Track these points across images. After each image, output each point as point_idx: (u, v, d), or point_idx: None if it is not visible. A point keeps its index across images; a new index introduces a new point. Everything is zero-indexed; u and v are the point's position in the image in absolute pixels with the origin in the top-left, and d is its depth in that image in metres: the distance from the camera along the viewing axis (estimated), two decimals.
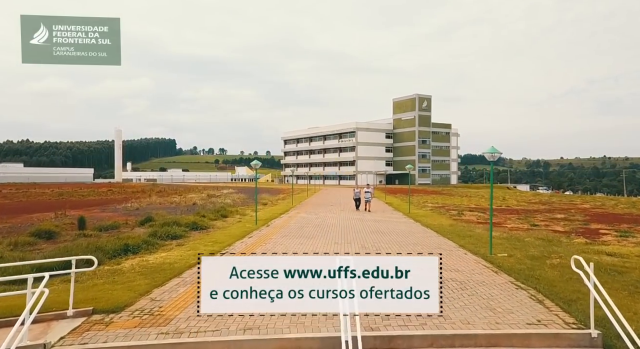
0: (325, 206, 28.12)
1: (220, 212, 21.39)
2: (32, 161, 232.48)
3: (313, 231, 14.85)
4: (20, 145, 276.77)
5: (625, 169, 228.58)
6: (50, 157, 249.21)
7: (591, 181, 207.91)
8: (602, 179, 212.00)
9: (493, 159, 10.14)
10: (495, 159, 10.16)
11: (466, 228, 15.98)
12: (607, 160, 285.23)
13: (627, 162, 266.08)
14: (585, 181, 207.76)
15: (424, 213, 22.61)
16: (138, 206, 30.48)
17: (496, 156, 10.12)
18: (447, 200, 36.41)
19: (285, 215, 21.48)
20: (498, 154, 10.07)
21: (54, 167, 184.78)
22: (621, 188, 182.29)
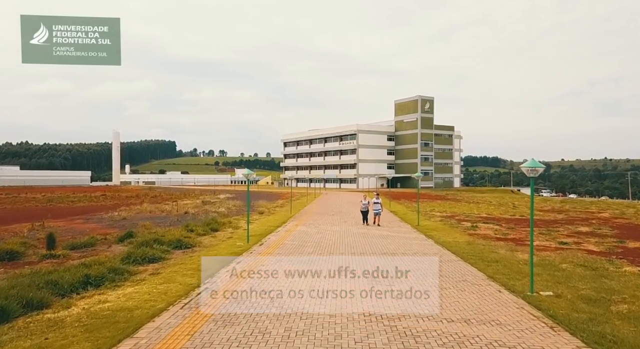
0: (326, 216, 26.16)
1: (210, 225, 19.44)
2: (31, 163, 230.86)
3: (312, 253, 12.90)
4: (19, 147, 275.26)
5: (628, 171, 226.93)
6: (49, 160, 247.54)
7: (593, 183, 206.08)
8: (604, 182, 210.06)
9: (534, 174, 8.21)
10: (536, 174, 8.23)
11: (487, 248, 14.01)
12: (609, 162, 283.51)
13: (628, 164, 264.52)
14: (587, 183, 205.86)
15: (434, 226, 20.64)
16: (126, 214, 28.58)
17: (538, 170, 8.18)
18: (454, 207, 34.45)
19: (282, 228, 19.52)
20: (539, 168, 8.14)
21: (53, 169, 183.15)
22: (623, 190, 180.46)
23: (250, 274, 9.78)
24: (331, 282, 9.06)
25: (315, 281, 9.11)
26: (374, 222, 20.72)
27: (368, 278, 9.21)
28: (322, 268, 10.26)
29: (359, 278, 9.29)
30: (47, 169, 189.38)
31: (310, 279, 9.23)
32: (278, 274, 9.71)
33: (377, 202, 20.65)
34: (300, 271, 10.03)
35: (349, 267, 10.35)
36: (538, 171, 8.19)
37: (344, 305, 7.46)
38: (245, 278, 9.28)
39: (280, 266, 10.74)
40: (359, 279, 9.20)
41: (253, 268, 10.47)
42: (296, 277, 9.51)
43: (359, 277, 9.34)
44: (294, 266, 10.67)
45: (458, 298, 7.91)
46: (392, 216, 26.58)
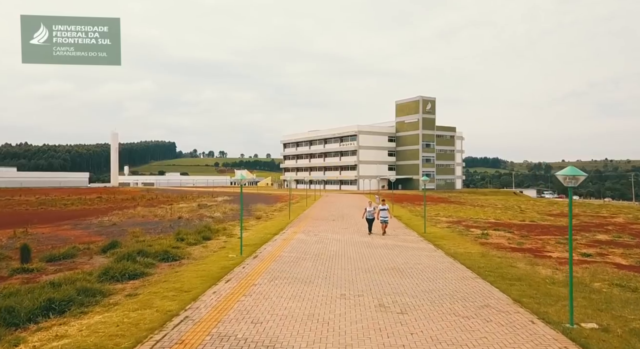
0: (327, 221, 24.87)
1: (202, 233, 18.13)
2: (30, 164, 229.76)
3: (311, 268, 11.60)
4: (19, 148, 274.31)
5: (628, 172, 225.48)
6: (48, 161, 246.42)
7: (594, 184, 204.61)
8: (605, 183, 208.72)
9: (573, 183, 6.92)
10: (576, 183, 6.94)
11: (504, 261, 12.72)
12: (609, 163, 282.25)
13: (629, 165, 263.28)
14: (587, 184, 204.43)
15: (442, 233, 19.33)
16: (118, 220, 27.30)
17: (578, 179, 6.90)
18: (460, 211, 33.16)
19: (279, 236, 18.22)
20: (579, 176, 6.86)
21: (52, 171, 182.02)
22: (624, 191, 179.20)
23: (239, 298, 8.50)
24: (336, 305, 7.77)
25: (314, 309, 7.82)
26: (383, 232, 18.59)
27: (375, 310, 7.92)
28: (322, 293, 8.98)
29: (364, 308, 8.00)
30: (46, 170, 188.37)
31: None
32: (271, 299, 8.43)
33: (385, 209, 18.60)
34: (296, 295, 8.75)
35: (352, 292, 9.07)
36: (578, 180, 6.91)
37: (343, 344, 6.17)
38: (231, 305, 7.99)
39: (274, 288, 9.45)
40: (364, 309, 7.90)
41: (243, 290, 9.17)
42: (291, 302, 8.23)
43: (364, 307, 8.05)
44: (289, 289, 9.38)
45: (485, 332, 6.61)
46: (396, 221, 25.26)
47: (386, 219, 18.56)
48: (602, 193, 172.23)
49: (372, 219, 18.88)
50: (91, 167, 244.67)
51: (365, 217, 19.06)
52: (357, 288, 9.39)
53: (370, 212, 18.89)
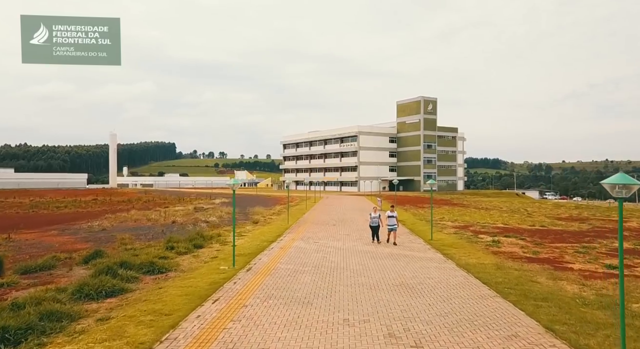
0: (327, 227, 23.69)
1: (194, 241, 16.95)
2: (30, 165, 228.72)
3: (310, 284, 10.43)
4: (18, 149, 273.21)
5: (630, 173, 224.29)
6: (47, 162, 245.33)
7: (595, 185, 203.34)
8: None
9: (624, 193, 5.76)
10: (628, 193, 5.77)
11: (522, 274, 11.54)
12: (610, 164, 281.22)
13: (629, 165, 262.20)
14: (589, 185, 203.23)
15: (450, 241, 18.15)
16: (108, 224, 26.14)
17: (631, 188, 5.73)
18: (465, 215, 31.99)
19: (277, 244, 17.04)
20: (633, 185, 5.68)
21: (51, 172, 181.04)
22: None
23: (226, 325, 7.32)
24: (339, 334, 6.59)
25: (312, 341, 6.65)
26: (387, 240, 17.17)
27: (385, 343, 6.74)
28: (322, 318, 7.80)
29: (371, 339, 6.82)
30: (45, 171, 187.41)
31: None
32: (262, 326, 7.26)
33: (392, 216, 16.90)
34: (292, 321, 7.57)
35: (356, 316, 7.89)
36: (631, 189, 5.73)
37: None
38: (215, 336, 6.81)
39: (267, 311, 8.27)
40: (372, 341, 6.72)
41: (232, 314, 7.99)
42: (286, 331, 7.06)
43: (370, 337, 6.87)
44: (284, 313, 8.20)
45: None
46: (400, 226, 24.07)
47: (394, 226, 16.88)
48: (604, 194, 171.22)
49: (377, 227, 17.26)
50: (91, 168, 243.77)
51: (369, 224, 17.54)
52: (362, 310, 8.21)
53: (375, 219, 17.31)
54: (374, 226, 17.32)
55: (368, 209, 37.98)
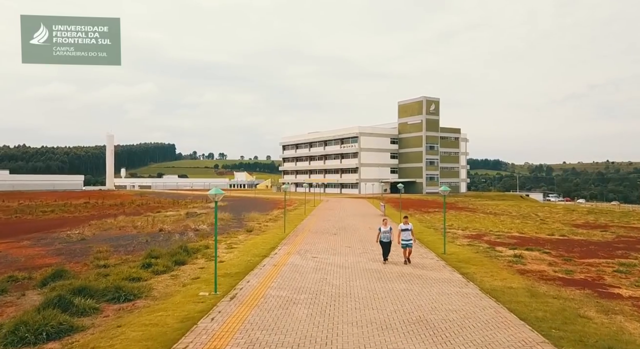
0: (327, 236, 21.66)
1: (176, 256, 14.90)
2: (28, 167, 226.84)
3: (305, 322, 8.39)
4: (17, 150, 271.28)
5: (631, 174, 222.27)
6: (46, 163, 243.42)
7: (596, 187, 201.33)
8: (608, 185, 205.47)
9: None
10: None
11: (565, 305, 9.50)
12: (611, 165, 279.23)
13: (630, 167, 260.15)
14: (590, 187, 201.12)
15: (465, 255, 16.10)
16: (90, 232, 24.16)
17: None
18: (474, 221, 29.94)
19: (270, 259, 14.99)
20: None
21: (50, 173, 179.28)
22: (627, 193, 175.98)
23: None
24: None
25: None
26: (405, 260, 14.30)
27: None
28: None
29: None
30: (43, 172, 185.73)
31: None
32: None
33: (407, 230, 14.14)
34: None
35: None
36: None
37: None
38: None
39: None
40: None
41: None
42: None
43: None
44: None
45: None
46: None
47: (410, 242, 14.21)
48: (605, 195, 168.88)
49: (389, 243, 14.46)
50: (90, 170, 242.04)
51: (380, 239, 14.62)
52: None
53: (386, 234, 14.41)
54: (385, 242, 14.47)
55: (370, 213, 35.91)
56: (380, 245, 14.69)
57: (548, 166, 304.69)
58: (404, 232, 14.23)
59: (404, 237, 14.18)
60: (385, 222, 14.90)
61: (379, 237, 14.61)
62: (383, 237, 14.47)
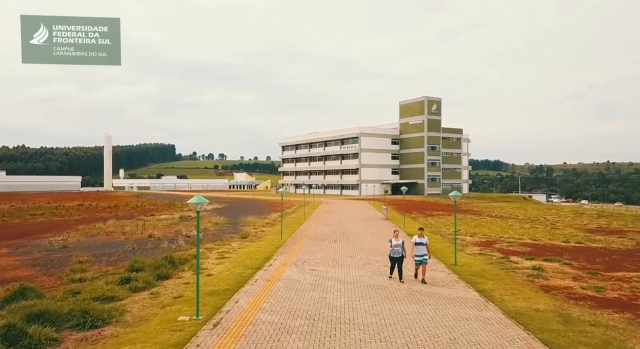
0: (327, 243, 20.21)
1: (159, 270, 13.45)
2: (27, 167, 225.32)
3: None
4: (15, 151, 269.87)
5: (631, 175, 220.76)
6: (45, 164, 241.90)
7: (597, 187, 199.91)
8: (609, 185, 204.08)
9: None
10: None
11: (606, 334, 8.07)
12: (611, 165, 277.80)
13: (631, 167, 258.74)
14: (591, 187, 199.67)
15: (478, 266, 14.65)
16: (75, 239, 22.75)
17: None
18: (482, 226, 28.50)
19: (263, 273, 13.55)
20: None
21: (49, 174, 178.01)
22: (629, 194, 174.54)
23: None
24: None
25: None
26: (415, 275, 12.63)
27: None
28: None
29: None
30: (42, 173, 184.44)
31: None
32: None
33: (422, 244, 12.32)
34: None
35: None
36: None
37: None
38: None
39: None
40: None
41: None
42: None
43: None
44: None
45: None
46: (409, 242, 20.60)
47: (425, 258, 12.26)
48: (607, 196, 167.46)
49: (400, 258, 12.46)
50: (89, 170, 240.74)
51: (390, 254, 12.65)
52: None
53: (396, 248, 12.42)
54: (395, 257, 12.45)
55: (372, 217, 34.33)
56: (389, 260, 12.78)
57: (548, 166, 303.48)
58: (418, 247, 12.27)
59: (419, 252, 12.25)
60: (397, 234, 12.81)
61: (390, 251, 12.61)
62: (393, 252, 12.45)
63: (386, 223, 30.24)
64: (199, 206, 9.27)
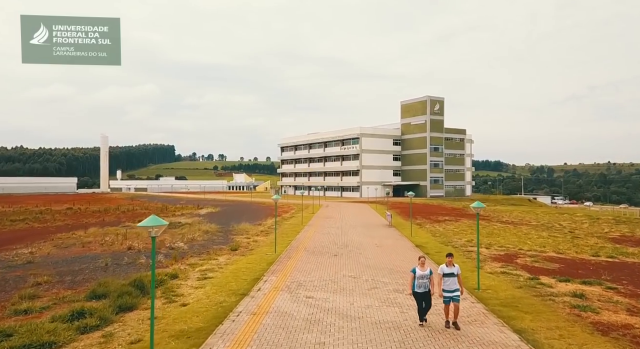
0: (326, 258, 17.87)
1: (122, 299, 11.09)
2: (25, 168, 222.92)
3: None
4: (14, 152, 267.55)
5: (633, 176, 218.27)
6: (43, 165, 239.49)
7: (599, 188, 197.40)
8: (610, 186, 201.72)
9: None
10: None
11: None
12: (612, 166, 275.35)
13: (632, 168, 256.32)
14: (593, 188, 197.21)
15: (506, 291, 12.29)
16: (46, 251, 20.40)
17: None
18: (494, 234, 26.17)
19: (249, 302, 11.19)
20: None
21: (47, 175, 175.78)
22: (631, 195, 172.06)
23: None
24: None
25: None
26: (447, 316, 9.37)
27: None
28: None
29: None
30: (41, 174, 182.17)
31: None
32: None
33: (453, 274, 9.24)
34: None
35: None
36: None
37: None
38: None
39: None
40: None
41: None
42: None
43: None
44: None
45: None
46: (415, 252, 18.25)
47: (457, 294, 9.14)
48: (609, 197, 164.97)
49: (427, 293, 9.25)
50: (88, 171, 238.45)
51: (413, 289, 9.33)
52: None
53: (423, 279, 9.22)
54: (422, 292, 9.26)
55: (375, 224, 31.66)
56: (413, 297, 9.51)
57: (549, 167, 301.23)
58: (447, 279, 9.21)
59: (448, 286, 9.17)
60: (423, 262, 9.50)
61: (411, 284, 9.36)
62: (418, 286, 9.22)
63: (391, 231, 27.90)
64: (153, 230, 6.93)
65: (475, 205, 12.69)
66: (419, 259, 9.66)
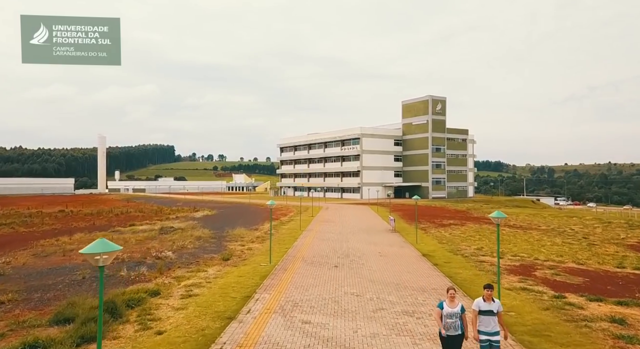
0: (325, 270, 16.29)
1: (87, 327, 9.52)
2: (24, 169, 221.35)
3: None
4: (13, 152, 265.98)
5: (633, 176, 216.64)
6: (42, 165, 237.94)
7: (600, 189, 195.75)
8: (611, 187, 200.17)
9: None
10: None
11: None
12: (613, 166, 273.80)
13: (633, 168, 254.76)
14: (594, 189, 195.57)
15: (531, 315, 10.69)
16: (21, 261, 18.84)
17: None
18: (505, 240, 24.56)
19: (235, 328, 9.63)
20: None
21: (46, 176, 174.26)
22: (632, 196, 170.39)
23: None
24: None
25: None
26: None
27: None
28: None
29: None
30: (39, 175, 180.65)
31: None
32: None
33: (492, 312, 7.15)
34: None
35: None
36: None
37: None
38: None
39: None
40: None
41: None
42: None
43: None
44: None
45: None
46: (428, 268, 16.65)
47: (497, 339, 7.11)
48: (610, 198, 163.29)
49: (461, 337, 7.15)
50: (87, 172, 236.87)
51: (441, 330, 7.21)
52: None
53: (454, 320, 7.12)
54: (453, 336, 7.12)
55: (377, 229, 29.96)
56: (439, 339, 7.41)
57: (550, 167, 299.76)
58: (484, 318, 7.16)
59: (485, 326, 7.13)
60: (453, 296, 7.30)
61: (441, 324, 7.21)
62: (446, 326, 7.11)
63: (394, 237, 26.32)
64: (102, 259, 5.35)
65: (496, 214, 11.11)
66: (448, 291, 7.44)
